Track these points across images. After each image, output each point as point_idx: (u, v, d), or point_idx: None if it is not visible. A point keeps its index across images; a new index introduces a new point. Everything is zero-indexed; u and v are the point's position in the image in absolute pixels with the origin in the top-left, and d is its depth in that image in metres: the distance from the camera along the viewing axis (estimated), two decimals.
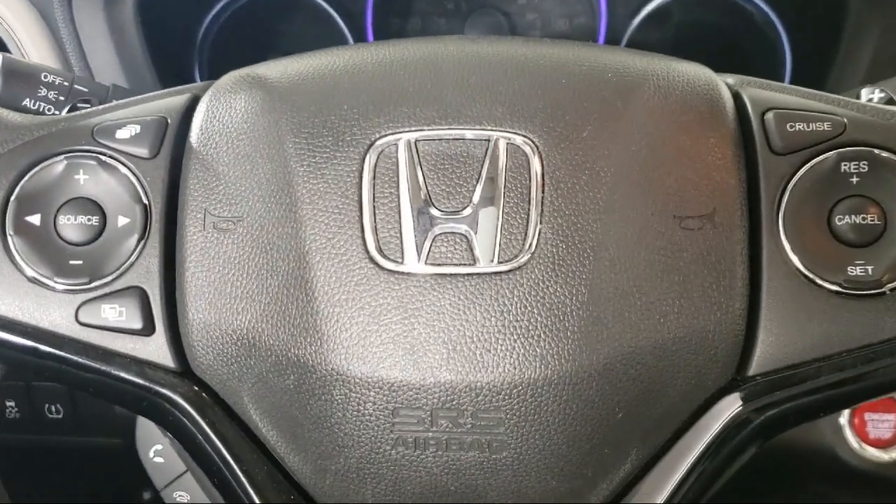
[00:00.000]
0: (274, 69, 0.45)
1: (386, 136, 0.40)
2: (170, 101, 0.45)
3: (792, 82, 0.87)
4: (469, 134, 0.40)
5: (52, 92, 0.55)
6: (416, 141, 0.40)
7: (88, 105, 0.55)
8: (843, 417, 0.75)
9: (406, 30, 0.94)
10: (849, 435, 0.77)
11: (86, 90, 0.57)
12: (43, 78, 0.55)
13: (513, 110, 0.40)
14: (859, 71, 0.73)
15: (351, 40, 0.93)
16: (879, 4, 0.74)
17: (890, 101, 0.49)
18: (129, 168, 0.43)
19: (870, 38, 0.73)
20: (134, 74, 0.79)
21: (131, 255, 0.42)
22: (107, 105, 0.46)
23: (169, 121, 0.44)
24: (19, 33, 0.70)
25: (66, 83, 0.56)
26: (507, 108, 0.41)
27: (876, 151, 0.40)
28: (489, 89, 0.41)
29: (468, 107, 0.41)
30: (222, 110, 0.44)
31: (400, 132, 0.40)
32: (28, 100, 0.54)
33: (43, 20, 0.71)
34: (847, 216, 0.40)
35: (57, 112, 0.56)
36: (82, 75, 0.66)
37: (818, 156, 0.41)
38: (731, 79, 0.45)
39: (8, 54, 0.55)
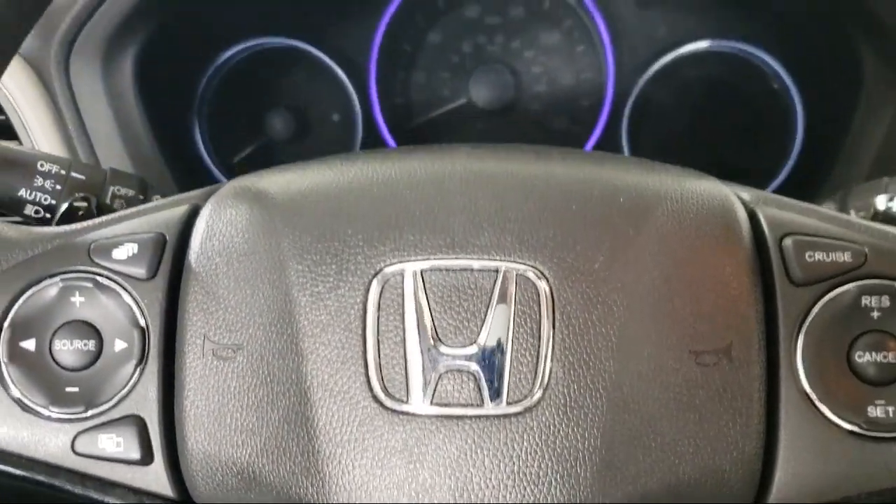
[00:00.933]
0: (276, 183, 0.45)
1: (391, 265, 0.40)
2: (168, 214, 0.45)
3: (804, 145, 0.88)
4: (476, 265, 0.40)
5: (49, 181, 0.55)
6: (423, 271, 0.40)
7: (86, 203, 0.55)
8: None
9: (410, 83, 0.95)
10: None
11: (83, 177, 0.57)
12: (39, 167, 0.55)
13: (522, 239, 0.40)
14: (873, 144, 0.73)
15: (354, 95, 0.93)
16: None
17: None
18: (126, 290, 0.43)
19: (885, 112, 0.73)
20: (132, 140, 0.80)
21: (129, 381, 0.41)
22: (103, 219, 0.45)
23: (167, 237, 0.44)
24: (18, 99, 0.71)
25: (62, 171, 0.56)
26: (516, 237, 0.40)
27: None
28: (497, 215, 0.40)
29: (476, 235, 0.40)
30: (222, 228, 0.43)
31: (405, 261, 0.40)
32: (24, 190, 0.55)
33: (43, 86, 0.72)
34: (867, 353, 0.40)
35: (54, 202, 0.56)
36: (79, 160, 0.66)
37: (838, 287, 0.40)
38: (746, 194, 0.45)
39: (2, 142, 0.55)
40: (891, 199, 0.51)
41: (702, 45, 0.91)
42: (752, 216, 0.43)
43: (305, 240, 0.42)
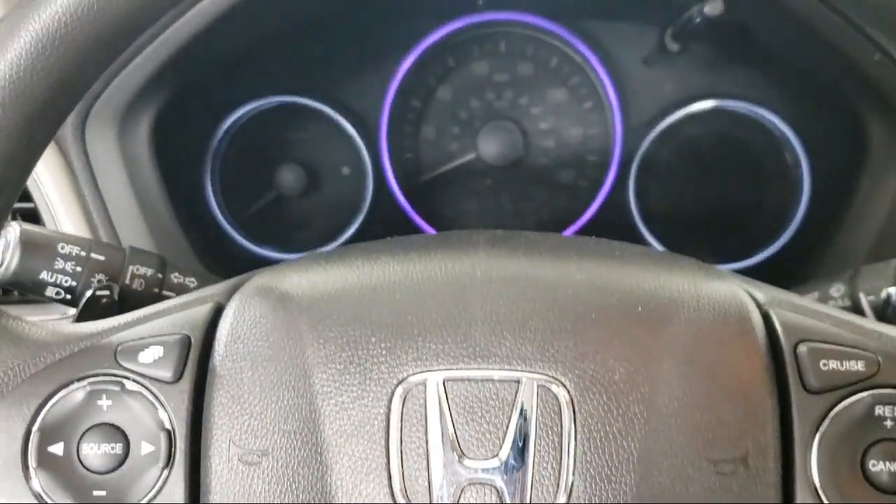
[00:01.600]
0: (299, 285, 0.46)
1: (414, 374, 0.41)
2: (192, 313, 0.46)
3: (809, 207, 0.89)
4: (497, 375, 0.40)
5: (70, 263, 0.57)
6: (445, 381, 0.40)
7: (108, 291, 0.56)
8: None
9: (419, 139, 0.96)
10: None
11: (102, 258, 0.59)
12: (60, 249, 0.57)
13: (542, 349, 0.41)
14: (879, 211, 0.74)
15: (364, 150, 0.94)
16: None
17: None
18: (152, 393, 0.43)
19: (891, 180, 0.74)
20: (147, 202, 0.82)
21: (155, 484, 0.42)
22: (129, 318, 0.46)
23: (192, 339, 0.44)
24: (37, 168, 0.73)
25: (82, 253, 0.58)
26: (537, 347, 0.41)
27: None
28: (518, 325, 0.41)
29: (497, 345, 0.41)
30: (246, 331, 0.44)
31: (428, 371, 0.41)
32: (46, 272, 0.57)
33: (60, 154, 0.74)
34: (881, 461, 0.40)
35: (75, 283, 0.58)
36: (99, 240, 0.68)
37: (852, 396, 0.41)
38: (760, 294, 0.46)
39: (25, 225, 0.56)
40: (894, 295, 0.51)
41: (708, 104, 0.92)
42: (767, 319, 0.44)
43: (329, 348, 0.42)
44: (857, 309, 0.58)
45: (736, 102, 0.91)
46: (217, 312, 0.46)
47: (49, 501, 0.42)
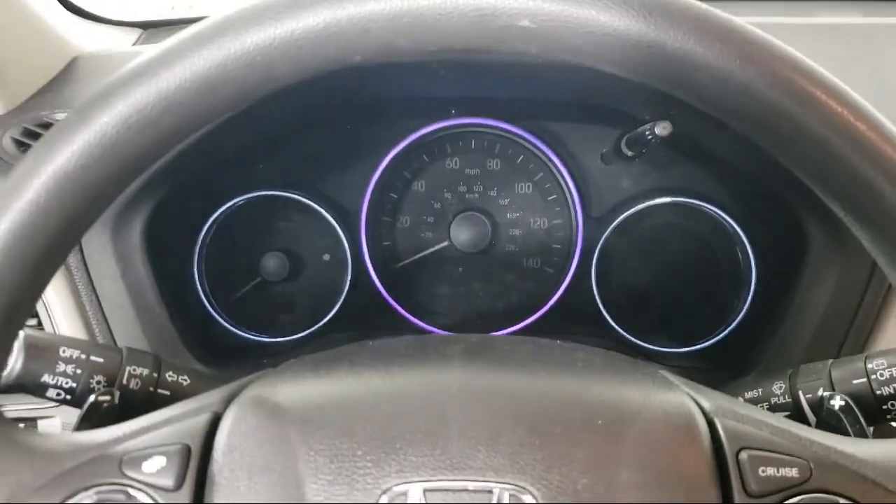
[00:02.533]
0: (290, 396, 0.47)
1: (397, 485, 0.42)
2: (191, 423, 0.47)
3: (755, 298, 0.94)
4: (472, 485, 0.41)
5: (70, 366, 0.58)
6: (425, 490, 0.41)
7: (109, 397, 0.57)
8: None
9: (396, 228, 0.98)
10: None
11: (101, 360, 0.59)
12: (61, 353, 0.58)
13: (512, 461, 0.42)
14: (818, 307, 0.77)
15: (344, 238, 0.96)
16: (840, 245, 0.79)
17: (848, 410, 0.53)
18: (155, 501, 0.43)
19: (829, 279, 0.77)
20: (138, 295, 0.83)
21: None
22: (133, 428, 0.47)
23: (192, 448, 0.45)
24: None
25: (82, 356, 0.59)
26: (508, 460, 0.42)
27: (839, 500, 0.43)
28: (491, 439, 0.43)
29: (472, 458, 0.42)
30: (242, 442, 0.45)
31: (409, 482, 0.42)
32: (48, 375, 0.58)
33: None
34: None
35: (75, 385, 0.59)
36: (96, 343, 0.70)
37: (788, 499, 0.43)
38: (707, 403, 0.48)
39: (27, 330, 0.58)
40: (831, 399, 0.55)
41: (663, 199, 0.94)
42: (712, 426, 0.46)
43: (319, 460, 0.43)
44: (796, 405, 0.60)
45: (689, 199, 0.94)
46: (214, 422, 0.47)
47: None
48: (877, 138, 0.45)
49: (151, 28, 1.19)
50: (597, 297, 0.95)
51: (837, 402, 0.55)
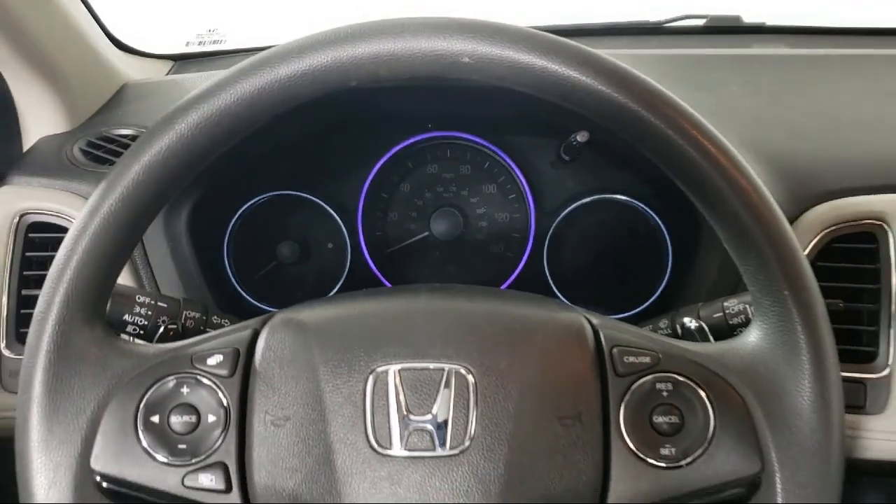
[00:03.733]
0: (310, 314, 0.58)
1: (381, 366, 0.53)
2: (239, 335, 0.57)
3: (672, 272, 0.98)
4: (431, 366, 0.53)
5: (143, 309, 0.68)
6: (399, 370, 0.53)
7: (175, 326, 0.68)
8: None
9: (386, 221, 1.03)
10: None
11: (165, 306, 0.69)
12: (137, 299, 0.68)
13: (458, 351, 0.54)
14: (711, 275, 0.85)
15: (344, 230, 1.02)
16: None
17: (700, 329, 0.66)
18: (215, 384, 0.55)
19: (717, 254, 0.85)
20: (182, 268, 0.90)
21: (217, 441, 0.54)
22: (199, 339, 0.58)
23: (240, 350, 0.56)
24: None
25: (151, 301, 0.68)
26: (455, 350, 0.54)
27: (677, 377, 0.55)
28: (443, 337, 0.55)
29: (431, 349, 0.54)
30: (275, 345, 0.56)
31: (389, 365, 0.54)
32: (127, 315, 0.67)
33: None
34: (660, 416, 0.54)
35: (145, 326, 0.68)
36: (161, 293, 0.77)
37: (643, 377, 0.55)
38: (595, 320, 0.58)
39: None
40: (689, 322, 0.67)
41: (598, 196, 1.00)
42: (596, 333, 0.57)
43: (328, 353, 0.54)
44: (672, 333, 0.70)
45: (618, 196, 1.00)
46: (255, 335, 0.57)
47: (151, 452, 0.53)
48: (707, 140, 0.53)
49: (181, 60, 1.30)
50: (547, 275, 1.01)
51: (693, 324, 0.66)
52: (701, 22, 1.40)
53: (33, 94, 0.95)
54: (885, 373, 0.78)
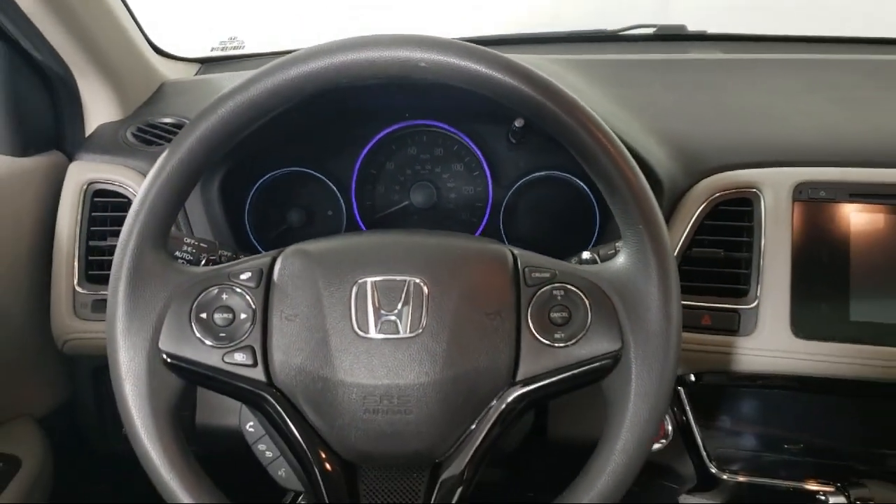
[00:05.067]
0: (313, 246, 0.69)
1: (362, 279, 0.66)
2: (262, 261, 0.69)
3: (599, 229, 1.07)
4: (397, 278, 0.65)
5: (190, 248, 0.79)
6: (374, 281, 0.65)
7: (213, 259, 0.79)
8: None
9: (375, 193, 1.11)
10: None
11: (205, 246, 0.79)
12: (185, 240, 0.79)
13: (416, 268, 0.66)
14: None
15: (341, 200, 1.09)
16: None
17: (592, 259, 0.79)
18: (246, 292, 0.67)
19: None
20: (214, 226, 1.00)
21: (247, 331, 0.65)
22: (233, 263, 0.69)
23: (263, 270, 0.68)
24: None
25: (195, 243, 0.79)
26: (414, 267, 0.66)
27: (567, 286, 0.67)
28: (406, 259, 0.67)
29: (397, 267, 0.66)
30: (288, 267, 0.68)
31: (368, 277, 0.66)
32: (178, 251, 0.78)
33: None
34: (555, 313, 0.66)
35: (194, 261, 0.78)
36: (201, 237, 0.84)
37: (544, 287, 0.67)
38: (516, 251, 0.69)
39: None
40: (584, 256, 0.77)
41: (542, 172, 1.08)
42: (514, 258, 0.68)
43: (326, 270, 0.66)
44: (578, 262, 0.76)
45: (557, 172, 1.08)
46: (274, 260, 0.68)
47: (201, 338, 0.65)
48: (593, 126, 0.63)
49: (207, 63, 1.39)
50: (503, 235, 1.09)
51: (587, 255, 0.77)
52: (651, 30, 1.54)
53: (94, 90, 1.06)
54: (753, 304, 0.94)
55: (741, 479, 0.98)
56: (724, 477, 0.98)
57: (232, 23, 1.66)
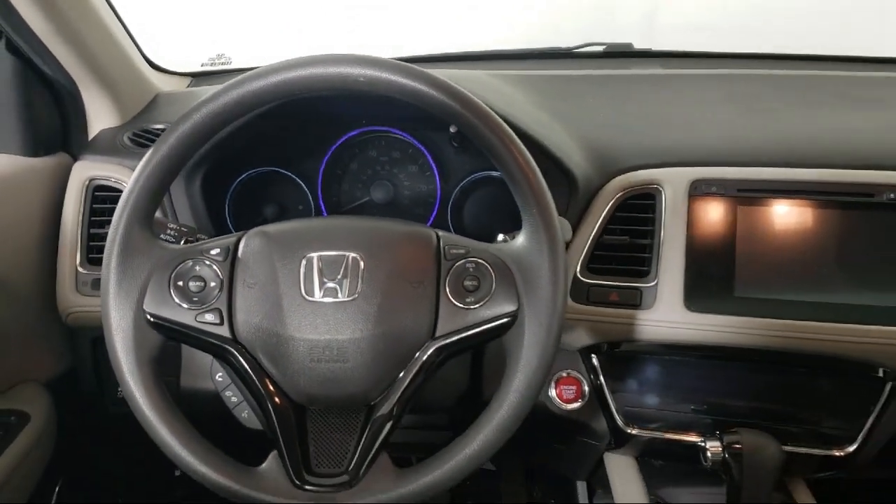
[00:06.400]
0: (271, 228, 0.79)
1: (309, 254, 0.75)
2: (229, 239, 0.78)
3: None
4: (339, 253, 0.75)
5: (172, 231, 0.91)
6: (319, 255, 0.75)
7: (193, 240, 0.91)
8: (552, 389, 1.11)
9: (340, 190, 1.18)
10: (553, 395, 1.11)
11: (186, 230, 0.91)
12: (169, 225, 0.91)
13: (355, 246, 0.76)
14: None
15: (309, 196, 1.17)
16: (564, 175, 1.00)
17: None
18: (215, 265, 0.76)
19: (562, 191, 0.98)
20: (197, 214, 1.09)
21: (215, 296, 0.75)
22: (205, 240, 0.80)
23: (230, 247, 0.77)
24: None
25: (177, 227, 0.91)
26: (352, 245, 0.76)
27: (478, 260, 0.77)
28: (346, 238, 0.77)
29: (339, 244, 0.76)
30: (250, 245, 0.78)
31: (314, 253, 0.75)
32: (162, 234, 0.89)
33: None
34: (468, 281, 0.76)
35: (176, 241, 0.89)
36: (183, 223, 0.98)
37: (459, 260, 0.77)
38: (440, 233, 0.79)
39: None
40: (502, 237, 0.85)
41: (482, 173, 1.16)
42: (438, 238, 0.78)
43: (280, 247, 0.76)
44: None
45: (495, 172, 1.15)
46: (239, 239, 0.78)
47: (178, 301, 0.74)
48: (499, 131, 0.71)
49: (197, 77, 1.48)
50: (450, 226, 1.18)
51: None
52: (601, 48, 1.66)
53: (96, 100, 1.16)
54: (653, 283, 1.07)
55: (645, 433, 1.10)
56: (632, 432, 1.10)
57: (224, 39, 1.75)
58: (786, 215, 1.01)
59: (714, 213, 1.02)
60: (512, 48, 1.69)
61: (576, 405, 1.09)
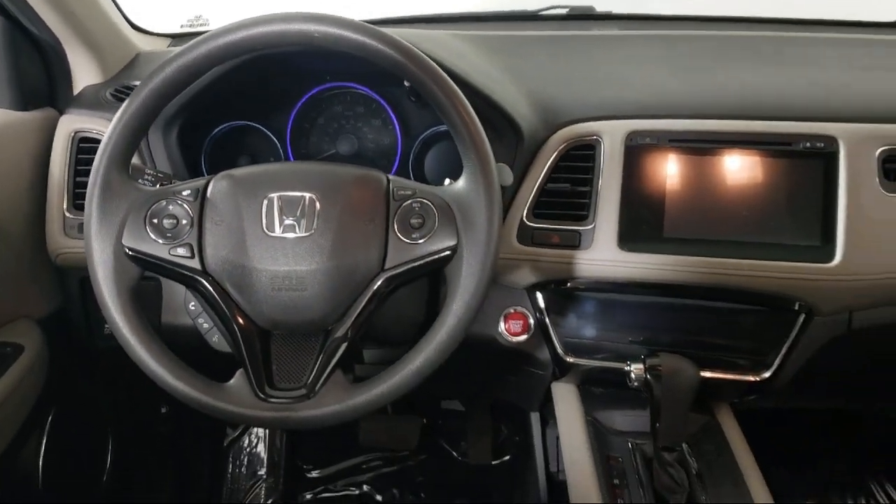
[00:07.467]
0: (237, 172, 0.84)
1: (270, 194, 0.81)
2: (200, 182, 0.84)
3: None
4: (297, 195, 0.81)
5: (149, 177, 0.94)
6: (280, 195, 0.81)
7: (169, 182, 0.97)
8: (501, 323, 1.17)
9: (308, 143, 1.23)
10: (502, 329, 1.18)
11: (161, 175, 0.95)
12: (146, 170, 0.95)
13: (310, 187, 0.81)
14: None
15: (280, 148, 1.21)
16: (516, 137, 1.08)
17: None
18: (186, 204, 0.82)
19: (518, 159, 1.06)
20: (174, 163, 1.12)
21: (187, 233, 0.81)
22: (178, 183, 0.86)
23: (199, 189, 0.83)
24: None
25: (154, 173, 0.95)
26: (309, 186, 0.81)
27: (423, 200, 0.83)
28: (303, 181, 0.82)
29: (297, 186, 0.81)
30: (218, 186, 0.83)
31: (275, 193, 0.81)
32: (140, 179, 0.92)
33: None
34: (414, 220, 0.82)
35: (152, 185, 0.91)
36: (160, 169, 1.02)
37: (406, 201, 0.83)
38: (390, 176, 0.84)
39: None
40: (448, 181, 0.89)
41: (443, 127, 1.17)
42: (388, 182, 0.83)
43: (246, 188, 0.82)
44: None
45: None
46: (209, 181, 0.83)
47: (153, 237, 0.80)
48: (443, 83, 0.77)
49: (177, 38, 1.51)
50: (411, 176, 1.22)
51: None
52: (564, 11, 1.72)
53: (80, 59, 1.20)
54: (591, 226, 1.15)
55: (583, 361, 1.19)
56: (572, 361, 1.19)
57: (203, 2, 1.79)
58: (712, 163, 1.07)
59: (647, 162, 1.08)
60: (479, 10, 1.75)
61: (522, 338, 1.16)
